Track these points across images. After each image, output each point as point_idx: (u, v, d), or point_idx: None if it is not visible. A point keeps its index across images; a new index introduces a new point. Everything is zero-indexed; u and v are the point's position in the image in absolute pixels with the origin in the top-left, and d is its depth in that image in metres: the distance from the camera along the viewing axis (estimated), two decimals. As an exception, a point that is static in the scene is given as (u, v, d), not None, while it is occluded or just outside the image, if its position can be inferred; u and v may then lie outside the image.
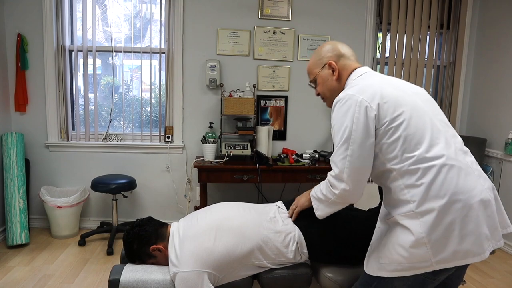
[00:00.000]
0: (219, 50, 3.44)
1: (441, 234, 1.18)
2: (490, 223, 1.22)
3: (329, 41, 1.62)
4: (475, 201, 1.20)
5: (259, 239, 1.62)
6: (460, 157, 1.27)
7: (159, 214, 3.55)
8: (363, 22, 3.57)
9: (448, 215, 1.18)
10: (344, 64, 1.52)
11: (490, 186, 1.29)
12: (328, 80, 1.53)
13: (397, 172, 1.27)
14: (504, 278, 2.79)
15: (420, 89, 1.46)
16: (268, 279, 1.66)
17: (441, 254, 1.19)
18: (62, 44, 3.32)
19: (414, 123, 1.27)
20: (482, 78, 3.62)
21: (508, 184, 3.28)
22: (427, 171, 1.22)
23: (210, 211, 1.76)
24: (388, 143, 1.28)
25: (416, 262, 1.21)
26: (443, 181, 1.20)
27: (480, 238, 1.19)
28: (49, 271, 2.67)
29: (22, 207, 3.07)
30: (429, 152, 1.24)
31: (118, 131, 3.53)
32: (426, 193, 1.21)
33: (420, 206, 1.21)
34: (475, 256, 1.19)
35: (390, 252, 1.27)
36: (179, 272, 1.53)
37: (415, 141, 1.25)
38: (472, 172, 1.26)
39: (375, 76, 1.44)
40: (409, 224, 1.22)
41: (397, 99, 1.31)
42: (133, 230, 1.73)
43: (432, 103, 1.41)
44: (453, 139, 1.32)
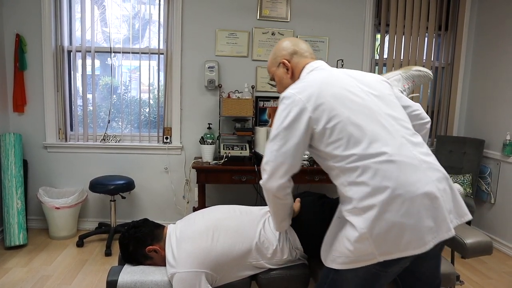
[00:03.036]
0: (217, 51, 3.44)
1: (382, 229, 1.21)
2: (435, 215, 1.22)
3: (285, 38, 1.64)
4: (417, 194, 1.20)
5: (256, 239, 1.64)
6: (405, 151, 1.27)
7: (158, 215, 3.54)
8: (362, 23, 3.58)
9: (389, 210, 1.20)
10: (297, 61, 1.55)
11: (439, 177, 1.28)
12: (283, 78, 1.57)
13: (339, 169, 1.31)
14: (502, 279, 2.80)
15: (375, 82, 1.44)
16: (266, 280, 1.66)
17: (383, 247, 1.22)
18: (60, 44, 3.32)
19: (352, 122, 1.29)
20: (480, 79, 3.63)
21: (506, 185, 3.29)
22: (366, 168, 1.24)
23: (207, 213, 1.78)
24: (329, 143, 1.31)
25: (361, 255, 1.25)
26: (382, 177, 1.22)
27: (422, 231, 1.20)
28: (47, 272, 2.67)
29: (20, 208, 3.07)
30: (368, 149, 1.25)
31: (117, 132, 3.53)
32: (366, 190, 1.23)
33: (361, 203, 1.24)
34: (416, 248, 1.21)
35: (339, 245, 1.31)
36: (177, 273, 1.54)
37: (354, 140, 1.27)
38: (417, 165, 1.26)
39: (322, 72, 1.45)
40: (353, 220, 1.26)
41: (336, 98, 1.32)
42: (128, 232, 1.74)
43: (384, 96, 1.40)
44: (400, 133, 1.31)
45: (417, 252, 1.21)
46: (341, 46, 3.58)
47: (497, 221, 3.38)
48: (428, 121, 1.60)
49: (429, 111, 3.82)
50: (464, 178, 3.38)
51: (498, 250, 3.30)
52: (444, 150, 3.64)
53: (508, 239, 3.26)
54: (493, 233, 3.41)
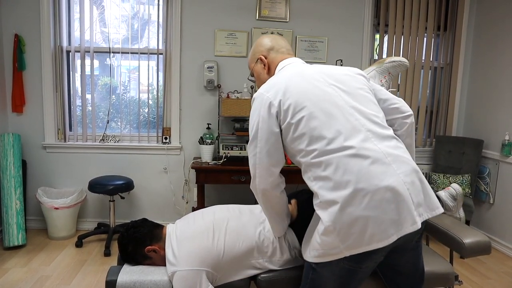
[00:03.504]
0: (216, 51, 3.44)
1: (345, 223, 1.22)
2: (400, 208, 1.22)
3: (265, 35, 1.66)
4: (379, 187, 1.21)
5: (256, 238, 1.64)
6: (369, 145, 1.27)
7: (157, 215, 3.54)
8: (361, 24, 3.58)
9: (351, 204, 1.21)
10: (273, 57, 1.57)
11: (406, 170, 1.27)
12: (260, 74, 1.61)
13: (304, 164, 1.33)
14: (501, 279, 2.80)
15: (346, 76, 1.44)
16: (265, 281, 1.66)
17: (347, 241, 1.23)
18: (59, 44, 3.31)
19: (316, 117, 1.30)
20: (479, 79, 3.63)
21: (504, 185, 3.29)
22: (329, 163, 1.26)
23: (206, 213, 1.78)
24: (294, 138, 1.34)
25: (328, 249, 1.27)
26: (344, 171, 1.23)
27: (385, 224, 1.21)
28: (46, 272, 2.66)
29: (19, 208, 3.06)
30: (331, 144, 1.27)
31: (116, 132, 3.53)
32: (329, 185, 1.25)
33: (325, 197, 1.26)
34: (379, 241, 1.22)
35: (311, 238, 1.35)
36: (178, 271, 1.54)
37: (317, 135, 1.29)
38: (381, 158, 1.26)
39: (293, 68, 1.47)
40: (320, 214, 1.28)
41: (302, 94, 1.34)
42: (127, 232, 1.74)
43: (352, 90, 1.39)
44: (366, 126, 1.31)
45: (380, 245, 1.22)
46: (340, 46, 3.58)
47: (496, 221, 3.39)
48: (408, 114, 1.55)
49: (428, 111, 3.82)
50: (463, 178, 3.38)
51: (497, 250, 3.31)
52: (443, 150, 3.65)
53: (507, 239, 3.27)
54: (492, 233, 3.42)
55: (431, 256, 1.85)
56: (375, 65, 1.88)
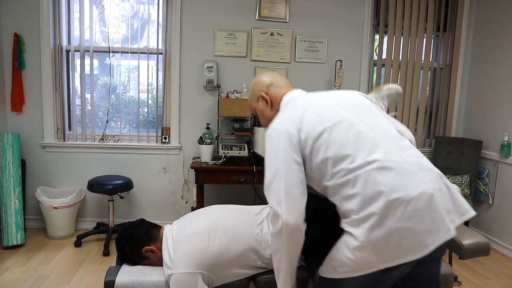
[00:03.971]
0: (216, 51, 3.44)
1: (381, 236, 1.21)
2: (433, 216, 1.21)
3: (260, 73, 1.71)
4: (411, 196, 1.20)
5: (253, 240, 1.63)
6: (392, 156, 1.28)
7: (156, 215, 3.54)
8: (360, 24, 3.58)
9: (386, 217, 1.20)
10: (274, 92, 1.58)
11: (433, 177, 1.27)
12: (264, 111, 1.60)
13: (332, 187, 1.32)
14: (500, 279, 2.80)
15: (350, 95, 1.48)
16: (264, 282, 1.66)
17: (383, 255, 1.22)
18: (59, 44, 3.31)
19: (337, 138, 1.31)
20: (478, 80, 3.64)
21: (504, 186, 3.30)
22: (356, 180, 1.25)
23: (203, 213, 1.77)
24: (317, 163, 1.33)
25: (362, 264, 1.26)
26: (374, 185, 1.23)
27: (421, 234, 1.20)
28: (45, 272, 2.66)
29: (18, 207, 3.06)
30: (355, 161, 1.27)
31: (115, 132, 3.53)
32: (360, 201, 1.24)
33: (359, 214, 1.25)
34: (417, 253, 1.21)
35: (339, 254, 1.32)
36: (173, 274, 1.53)
37: (340, 156, 1.29)
38: (408, 168, 1.26)
39: (300, 99, 1.48)
40: (353, 230, 1.27)
41: (317, 121, 1.35)
42: (125, 232, 1.74)
43: (363, 108, 1.42)
44: (385, 139, 1.32)
45: (418, 257, 1.21)
46: (340, 46, 3.58)
47: (495, 222, 3.39)
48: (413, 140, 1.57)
49: (427, 111, 3.83)
50: (462, 179, 3.38)
51: (496, 251, 3.31)
52: (442, 151, 3.65)
53: (506, 240, 3.27)
54: (491, 234, 3.42)
55: (430, 257, 1.85)
56: (374, 92, 1.95)
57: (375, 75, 3.70)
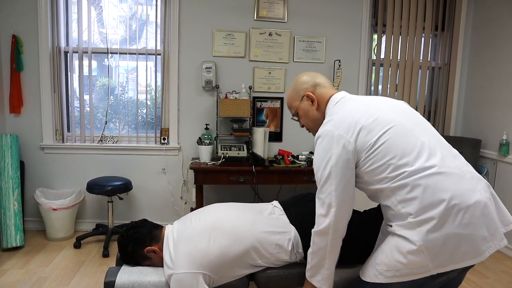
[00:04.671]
0: (215, 51, 3.44)
1: (438, 241, 1.21)
2: (488, 224, 1.22)
3: (303, 72, 1.65)
4: (469, 203, 1.21)
5: (254, 239, 1.62)
6: (448, 162, 1.29)
7: (155, 216, 3.54)
8: (359, 24, 3.59)
9: (444, 222, 1.20)
10: (321, 92, 1.55)
11: (484, 186, 1.30)
12: (309, 111, 1.57)
13: (388, 190, 1.31)
14: (500, 278, 2.80)
15: (398, 102, 1.49)
16: (264, 279, 1.66)
17: (438, 259, 1.22)
18: (57, 45, 3.31)
19: (394, 143, 1.30)
20: (476, 79, 3.64)
21: (502, 185, 3.30)
22: (415, 184, 1.25)
23: (204, 213, 1.77)
24: (373, 168, 1.32)
25: (414, 268, 1.25)
26: (433, 190, 1.23)
27: (477, 241, 1.21)
28: (44, 273, 2.66)
29: (17, 209, 3.05)
30: (414, 165, 1.26)
31: (114, 133, 3.52)
32: (419, 205, 1.24)
33: (416, 217, 1.24)
34: (472, 259, 1.22)
35: (388, 258, 1.30)
36: (174, 274, 1.53)
37: (398, 160, 1.29)
38: (463, 175, 1.27)
39: (350, 102, 1.47)
40: (407, 234, 1.25)
41: (374, 124, 1.34)
42: (127, 232, 1.73)
43: (412, 114, 1.44)
44: (439, 145, 1.34)
45: (473, 263, 1.22)
46: (338, 46, 3.58)
47: (494, 220, 3.39)
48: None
49: (426, 111, 3.83)
50: (461, 177, 3.38)
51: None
52: (441, 150, 3.65)
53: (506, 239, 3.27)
54: (490, 232, 3.42)
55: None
56: None
57: (373, 74, 3.70)
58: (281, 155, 3.38)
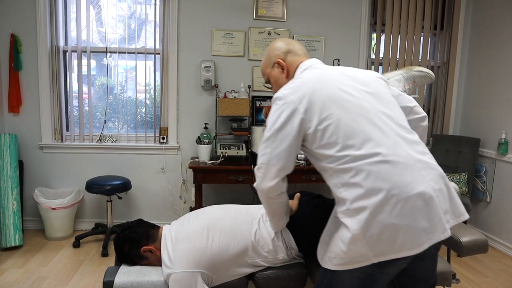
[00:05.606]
0: (214, 50, 3.44)
1: (375, 230, 1.20)
2: (430, 216, 1.21)
3: (278, 39, 1.62)
4: (411, 194, 1.19)
5: (251, 238, 1.64)
6: (399, 150, 1.26)
7: (154, 216, 3.54)
8: (358, 23, 3.59)
9: (382, 212, 1.20)
10: (291, 60, 1.53)
11: (435, 177, 1.27)
12: (279, 78, 1.55)
13: (332, 170, 1.30)
14: (498, 277, 2.81)
15: (370, 79, 1.43)
16: (263, 279, 1.66)
17: (376, 248, 1.21)
18: (56, 44, 3.30)
19: (345, 122, 1.28)
20: (475, 78, 3.65)
21: (501, 184, 3.31)
22: (359, 169, 1.23)
23: (202, 213, 1.78)
24: (321, 145, 1.31)
25: (355, 256, 1.25)
26: (375, 178, 1.21)
27: (416, 232, 1.20)
28: (43, 273, 2.66)
29: (16, 209, 3.05)
30: (361, 150, 1.25)
31: (113, 132, 3.52)
32: (359, 192, 1.23)
33: (353, 204, 1.23)
34: (410, 249, 1.21)
35: (334, 246, 1.31)
36: (173, 273, 1.53)
37: (346, 141, 1.27)
38: (412, 165, 1.24)
39: (316, 71, 1.43)
40: (347, 221, 1.26)
41: (329, 98, 1.31)
42: (123, 232, 1.74)
43: (378, 94, 1.38)
44: (395, 131, 1.30)
45: (411, 253, 1.21)
46: (337, 45, 3.58)
47: (493, 219, 3.40)
48: (423, 116, 1.56)
49: (425, 110, 3.81)
50: (460, 177, 3.39)
51: (494, 249, 3.32)
52: (440, 149, 3.65)
53: (504, 238, 3.28)
54: (489, 231, 3.43)
55: (429, 254, 1.85)
56: (402, 70, 1.84)
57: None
58: (280, 154, 3.37)
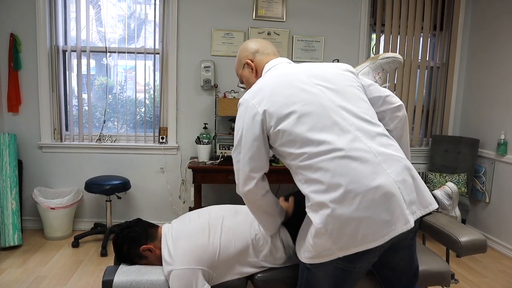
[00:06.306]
0: (213, 50, 3.44)
1: (336, 224, 1.22)
2: (392, 208, 1.21)
3: (249, 40, 1.66)
4: (369, 188, 1.20)
5: (251, 237, 1.64)
6: (358, 144, 1.26)
7: (153, 215, 3.53)
8: (357, 23, 3.59)
9: (342, 206, 1.21)
10: (260, 59, 1.56)
11: (397, 168, 1.26)
12: (249, 78, 1.58)
13: (295, 167, 1.33)
14: (497, 277, 2.81)
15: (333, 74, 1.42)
16: (262, 281, 1.66)
17: (339, 242, 1.23)
18: (55, 44, 3.30)
19: (303, 121, 1.29)
20: (475, 79, 3.65)
21: (500, 184, 3.31)
22: (319, 166, 1.25)
23: (202, 212, 1.79)
24: (282, 143, 1.33)
25: (320, 250, 1.28)
26: (334, 173, 1.23)
27: (377, 224, 1.20)
28: (42, 273, 2.65)
29: (15, 208, 3.05)
30: (319, 147, 1.26)
31: (112, 132, 3.52)
32: (320, 187, 1.25)
33: (316, 199, 1.26)
34: (372, 242, 1.22)
35: (304, 240, 1.35)
36: (174, 270, 1.54)
37: (305, 139, 1.28)
38: (371, 158, 1.24)
39: (278, 71, 1.45)
40: (312, 216, 1.29)
41: (287, 99, 1.33)
42: (122, 232, 1.74)
43: (340, 90, 1.37)
44: (355, 126, 1.30)
45: (373, 246, 1.22)
46: (337, 46, 3.59)
47: (492, 220, 3.40)
48: (398, 105, 1.51)
49: (424, 110, 3.84)
50: (459, 177, 3.39)
51: (493, 249, 3.32)
52: (439, 149, 3.66)
53: (503, 238, 3.28)
54: (488, 232, 3.43)
55: (428, 255, 1.85)
56: (368, 61, 1.82)
57: (372, 74, 3.70)
58: (279, 154, 3.38)
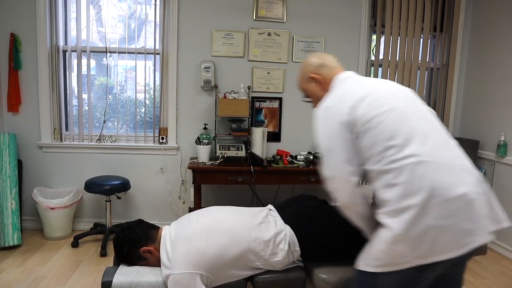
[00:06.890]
0: (213, 51, 3.44)
1: (418, 231, 1.20)
2: (472, 218, 1.21)
3: (310, 55, 1.68)
4: (453, 196, 1.20)
5: (251, 240, 1.63)
6: (438, 153, 1.28)
7: (153, 216, 3.53)
8: (357, 24, 3.59)
9: (425, 212, 1.20)
10: (326, 73, 1.58)
11: (474, 181, 1.27)
12: (316, 92, 1.60)
13: (374, 172, 1.32)
14: (497, 278, 2.81)
15: (403, 88, 1.50)
16: (262, 283, 1.66)
17: (418, 249, 1.21)
18: (56, 44, 3.30)
19: (387, 124, 1.31)
20: (475, 80, 3.65)
21: (500, 186, 3.31)
22: (401, 170, 1.25)
23: (202, 214, 1.77)
24: (364, 146, 1.33)
25: (396, 257, 1.25)
26: (418, 178, 1.22)
27: (458, 234, 1.20)
28: (41, 272, 2.65)
29: (14, 208, 3.05)
30: (403, 151, 1.26)
31: (112, 132, 3.52)
32: (402, 192, 1.24)
33: (397, 205, 1.24)
34: (452, 251, 1.20)
35: (374, 248, 1.31)
36: (172, 274, 1.53)
37: (388, 142, 1.29)
38: (452, 167, 1.26)
39: (354, 80, 1.49)
40: (388, 222, 1.26)
41: (371, 102, 1.35)
42: (122, 233, 1.74)
43: (414, 101, 1.44)
44: (434, 134, 1.33)
45: (453, 255, 1.21)
46: (337, 46, 3.58)
47: (491, 221, 3.40)
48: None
49: (424, 112, 3.83)
50: (459, 178, 3.39)
51: (493, 250, 3.32)
52: (439, 150, 3.65)
53: (503, 239, 3.28)
54: (487, 233, 3.43)
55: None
56: None
57: (372, 75, 3.70)
58: (279, 155, 3.38)
